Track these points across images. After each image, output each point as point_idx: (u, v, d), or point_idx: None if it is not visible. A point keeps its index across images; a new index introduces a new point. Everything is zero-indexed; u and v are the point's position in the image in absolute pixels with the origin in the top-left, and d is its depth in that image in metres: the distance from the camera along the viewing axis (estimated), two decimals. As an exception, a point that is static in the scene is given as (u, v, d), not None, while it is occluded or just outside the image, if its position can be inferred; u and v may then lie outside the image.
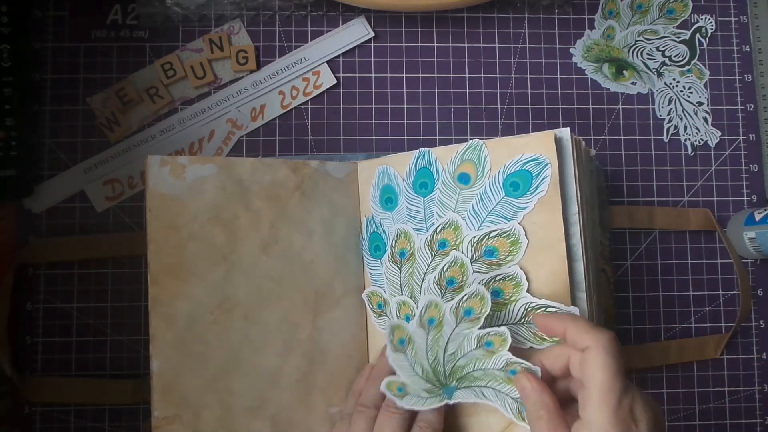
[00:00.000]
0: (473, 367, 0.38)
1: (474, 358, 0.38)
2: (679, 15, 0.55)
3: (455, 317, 0.38)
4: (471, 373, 0.38)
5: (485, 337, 0.38)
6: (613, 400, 0.31)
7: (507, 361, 0.37)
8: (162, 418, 0.39)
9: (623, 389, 0.31)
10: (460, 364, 0.38)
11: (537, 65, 0.54)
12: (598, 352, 0.32)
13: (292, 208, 0.44)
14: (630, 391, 0.32)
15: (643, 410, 0.31)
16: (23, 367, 0.48)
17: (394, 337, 0.39)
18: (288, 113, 0.52)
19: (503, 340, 0.37)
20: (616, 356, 0.32)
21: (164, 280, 0.40)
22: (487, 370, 0.38)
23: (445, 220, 0.42)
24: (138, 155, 0.50)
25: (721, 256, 0.53)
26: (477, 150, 0.41)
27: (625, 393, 0.31)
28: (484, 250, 0.40)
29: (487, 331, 0.38)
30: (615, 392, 0.31)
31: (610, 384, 0.31)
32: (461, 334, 0.38)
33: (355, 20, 0.53)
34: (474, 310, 0.38)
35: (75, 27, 0.51)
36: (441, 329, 0.38)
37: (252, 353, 0.42)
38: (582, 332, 0.33)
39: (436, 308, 0.39)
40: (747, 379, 0.52)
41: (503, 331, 0.37)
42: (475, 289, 0.38)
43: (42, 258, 0.49)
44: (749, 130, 0.54)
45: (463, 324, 0.38)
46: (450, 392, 0.39)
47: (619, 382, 0.31)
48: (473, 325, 0.38)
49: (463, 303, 0.38)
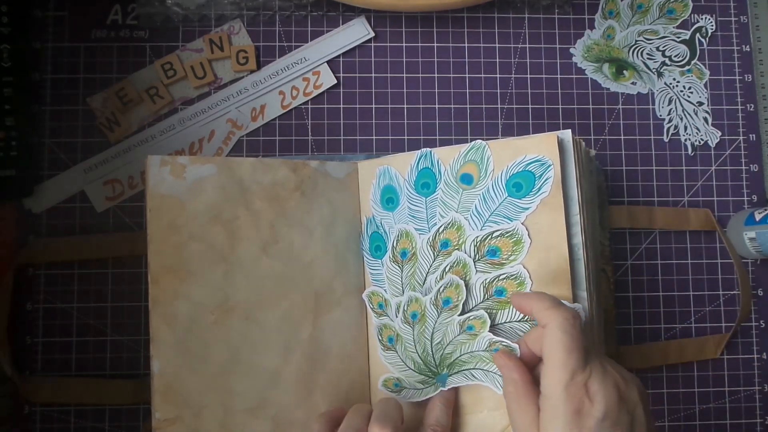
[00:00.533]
0: (460, 351, 0.40)
1: (459, 344, 0.40)
2: (679, 15, 0.55)
3: (436, 308, 0.41)
4: (459, 358, 0.40)
5: (466, 322, 0.40)
6: (565, 376, 0.32)
7: (489, 341, 0.39)
8: (163, 420, 0.39)
9: (577, 366, 0.32)
10: (448, 351, 0.41)
11: (537, 65, 0.54)
12: (553, 330, 0.33)
13: (292, 208, 0.44)
14: (589, 368, 0.33)
15: (600, 387, 0.32)
16: (23, 367, 0.48)
17: (383, 336, 0.42)
18: (288, 113, 0.52)
19: (483, 323, 0.40)
20: (570, 334, 0.33)
21: (164, 280, 0.40)
22: (474, 353, 0.40)
23: (448, 220, 0.42)
24: (138, 155, 0.50)
25: (721, 256, 0.53)
26: (480, 151, 0.41)
27: (580, 370, 0.32)
28: (487, 249, 0.41)
29: (466, 316, 0.40)
30: (568, 368, 0.32)
31: (563, 360, 0.33)
32: (444, 324, 0.41)
33: (355, 20, 0.53)
34: (452, 299, 0.41)
35: (75, 27, 0.51)
36: (425, 322, 0.41)
37: (252, 353, 0.42)
38: (542, 310, 0.35)
39: (417, 302, 0.42)
40: (747, 379, 0.52)
41: (481, 314, 0.40)
42: (448, 279, 0.41)
43: (42, 258, 0.49)
44: (749, 130, 0.54)
45: (444, 314, 0.41)
46: (443, 379, 0.41)
47: (572, 359, 0.33)
48: (453, 313, 0.41)
49: (440, 294, 0.41)
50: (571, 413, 0.32)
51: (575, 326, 0.33)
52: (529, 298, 0.37)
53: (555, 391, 0.33)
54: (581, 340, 0.33)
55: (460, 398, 0.42)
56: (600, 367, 0.33)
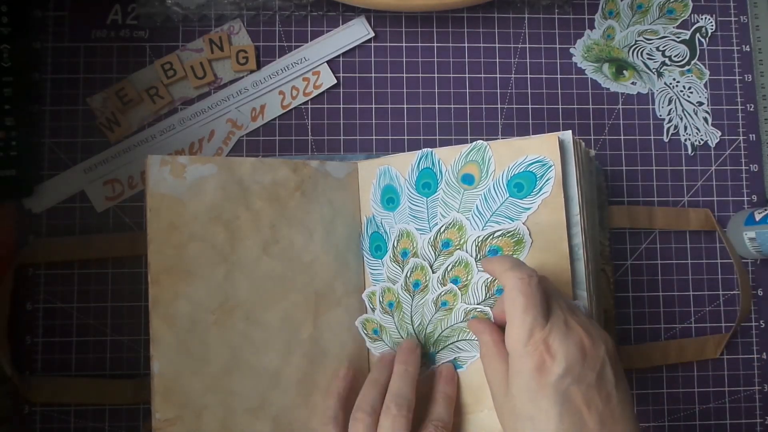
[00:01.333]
0: (440, 328, 0.42)
1: (438, 321, 0.42)
2: (679, 15, 0.55)
3: (408, 293, 0.43)
4: (441, 335, 0.42)
5: (439, 298, 0.42)
6: (523, 334, 0.33)
7: (464, 311, 0.41)
8: (163, 420, 0.39)
9: (534, 324, 0.33)
10: (429, 330, 0.43)
11: (537, 65, 0.54)
12: (510, 290, 0.34)
13: (292, 208, 0.44)
14: (549, 325, 0.34)
15: (560, 344, 0.33)
16: (23, 367, 0.48)
17: (368, 330, 0.45)
18: (288, 113, 0.52)
19: (454, 295, 0.41)
20: (525, 293, 0.34)
21: (164, 280, 0.40)
22: (453, 326, 0.42)
23: (449, 220, 0.42)
24: (138, 155, 0.50)
25: (721, 256, 0.53)
26: (481, 151, 0.42)
27: (539, 327, 0.33)
28: (489, 249, 0.41)
29: (437, 293, 0.42)
30: (525, 326, 0.33)
31: (521, 318, 0.34)
32: (419, 306, 0.43)
33: (355, 20, 0.53)
34: (420, 282, 0.43)
35: (75, 27, 0.51)
36: (401, 308, 0.43)
37: (253, 354, 0.42)
38: (503, 273, 0.36)
39: (390, 292, 0.44)
40: (747, 379, 0.52)
41: (450, 288, 0.42)
42: (413, 263, 0.43)
43: (42, 258, 0.49)
44: (749, 130, 0.54)
45: (417, 296, 0.43)
46: (432, 358, 0.43)
47: (528, 316, 0.33)
48: (424, 295, 0.43)
49: (408, 279, 0.43)
50: (532, 369, 0.33)
51: (530, 285, 0.34)
52: (493, 262, 0.37)
53: (516, 348, 0.34)
54: (537, 298, 0.34)
55: (460, 398, 0.42)
56: (562, 325, 0.34)
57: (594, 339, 0.34)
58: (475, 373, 0.41)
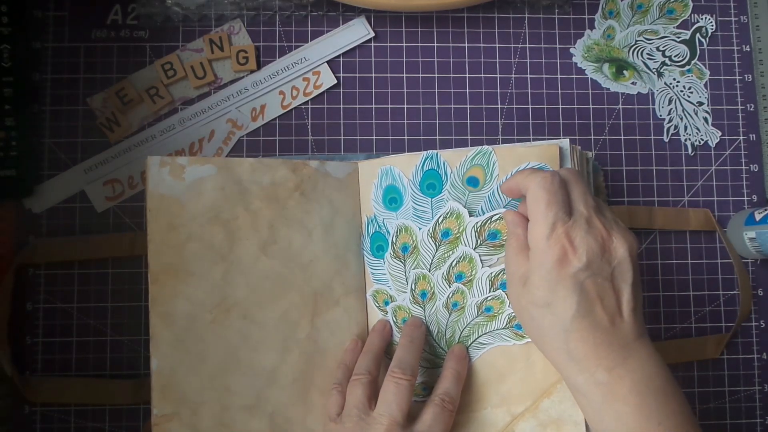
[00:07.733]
0: (458, 329, 0.43)
1: (454, 323, 0.43)
2: (679, 15, 0.55)
3: (419, 305, 0.44)
4: (462, 336, 0.43)
5: (449, 301, 0.43)
6: (545, 228, 0.35)
7: (476, 305, 0.42)
8: (161, 416, 0.40)
9: (556, 218, 0.35)
10: (449, 336, 0.44)
11: (537, 65, 0.54)
12: (533, 189, 0.36)
13: (291, 208, 0.44)
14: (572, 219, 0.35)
15: (582, 238, 0.35)
16: (23, 367, 0.48)
17: (379, 302, 0.45)
18: (288, 113, 0.52)
19: (462, 294, 0.42)
20: (547, 189, 0.35)
21: (164, 279, 0.40)
22: (471, 324, 0.43)
23: (447, 210, 0.43)
24: (138, 155, 0.50)
25: (721, 256, 0.53)
26: (486, 156, 0.43)
27: (561, 222, 0.35)
28: (488, 233, 0.42)
29: (446, 296, 0.43)
30: (548, 220, 0.35)
31: (543, 213, 0.35)
32: (432, 315, 0.44)
33: (355, 20, 0.53)
34: (426, 291, 0.43)
35: (75, 27, 0.51)
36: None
37: (250, 352, 0.42)
38: (524, 179, 0.37)
39: (401, 310, 0.44)
40: (747, 379, 0.52)
41: (457, 287, 0.43)
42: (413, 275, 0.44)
43: (42, 258, 0.49)
44: (749, 130, 0.54)
45: (427, 306, 0.44)
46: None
47: (551, 211, 0.35)
48: (433, 302, 0.43)
49: (414, 293, 0.44)
50: (554, 261, 0.34)
51: (553, 182, 0.35)
52: (512, 178, 0.39)
53: (539, 243, 0.35)
54: (560, 195, 0.35)
55: (463, 396, 0.42)
56: (584, 221, 0.35)
57: (617, 237, 0.35)
58: (480, 369, 0.42)
